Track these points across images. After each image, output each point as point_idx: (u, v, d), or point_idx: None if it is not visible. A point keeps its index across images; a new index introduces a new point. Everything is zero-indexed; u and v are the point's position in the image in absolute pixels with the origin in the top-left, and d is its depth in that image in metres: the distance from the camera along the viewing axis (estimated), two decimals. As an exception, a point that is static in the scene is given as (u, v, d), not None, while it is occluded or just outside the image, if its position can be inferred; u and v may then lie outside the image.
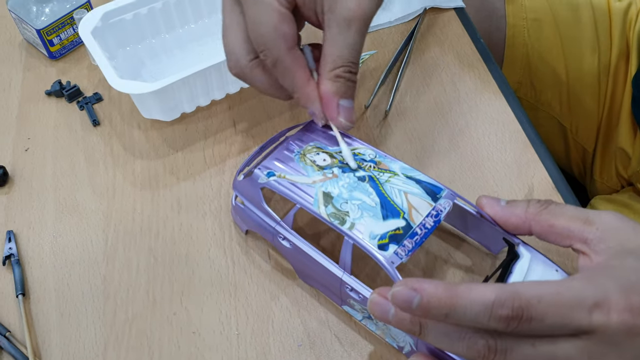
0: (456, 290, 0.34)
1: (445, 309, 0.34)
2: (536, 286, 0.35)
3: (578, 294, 0.34)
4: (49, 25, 0.59)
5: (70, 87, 0.59)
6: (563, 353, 0.34)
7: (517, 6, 0.76)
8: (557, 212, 0.40)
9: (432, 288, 0.34)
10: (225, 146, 0.56)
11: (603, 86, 0.76)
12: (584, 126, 0.79)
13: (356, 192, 0.43)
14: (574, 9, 0.76)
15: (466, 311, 0.34)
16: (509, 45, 0.78)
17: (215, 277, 0.48)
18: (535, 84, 0.79)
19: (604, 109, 0.77)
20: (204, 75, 0.53)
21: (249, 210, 0.46)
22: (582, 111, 0.78)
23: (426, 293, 0.34)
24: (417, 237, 0.41)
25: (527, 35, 0.76)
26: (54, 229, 0.51)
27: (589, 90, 0.77)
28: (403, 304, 0.35)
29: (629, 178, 0.76)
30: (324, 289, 0.46)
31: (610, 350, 0.34)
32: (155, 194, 0.53)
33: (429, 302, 0.34)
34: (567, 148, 0.83)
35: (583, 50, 0.75)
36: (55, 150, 0.56)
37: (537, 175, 0.53)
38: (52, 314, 0.47)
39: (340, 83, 0.44)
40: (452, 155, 0.55)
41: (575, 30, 0.75)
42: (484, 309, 0.34)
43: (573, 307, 0.34)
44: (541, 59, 0.77)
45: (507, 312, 0.33)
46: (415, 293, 0.34)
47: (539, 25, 0.76)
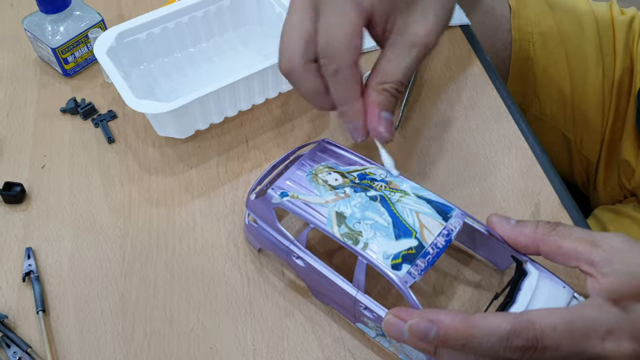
0: (472, 321, 0.36)
1: (462, 340, 0.35)
2: (550, 315, 0.36)
3: (591, 322, 0.36)
4: (63, 44, 0.61)
5: (85, 105, 0.61)
6: None
7: (523, 20, 0.77)
8: (565, 234, 0.41)
9: (449, 320, 0.36)
10: (238, 163, 0.57)
11: (607, 99, 0.77)
12: (588, 138, 0.80)
13: (368, 211, 0.44)
14: (578, 23, 0.77)
15: (482, 342, 0.35)
16: (514, 59, 0.79)
17: (231, 293, 0.49)
18: (540, 96, 0.80)
19: (608, 122, 0.78)
20: (217, 95, 0.55)
21: (262, 229, 0.48)
22: (586, 123, 0.79)
23: (443, 325, 0.36)
24: (430, 256, 0.42)
25: (533, 48, 0.78)
26: (71, 245, 0.52)
27: (593, 103, 0.78)
28: (420, 335, 0.36)
29: (633, 189, 0.77)
30: (337, 307, 0.47)
31: None
32: (170, 210, 0.54)
33: (446, 334, 0.36)
34: (570, 159, 0.84)
35: (587, 64, 0.76)
36: (72, 167, 0.58)
37: (543, 192, 0.54)
38: (72, 330, 0.48)
39: (385, 96, 0.46)
40: (460, 172, 0.56)
41: (579, 43, 0.76)
42: (499, 340, 0.35)
43: (586, 336, 0.35)
44: (546, 72, 0.78)
45: (522, 342, 0.35)
46: (432, 325, 0.36)
47: (544, 39, 0.77)
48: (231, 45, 0.64)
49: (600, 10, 0.78)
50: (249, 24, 0.65)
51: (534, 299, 0.42)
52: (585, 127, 0.80)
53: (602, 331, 0.35)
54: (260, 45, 0.64)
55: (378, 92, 0.45)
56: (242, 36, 0.65)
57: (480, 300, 0.48)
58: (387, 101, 0.46)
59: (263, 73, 0.56)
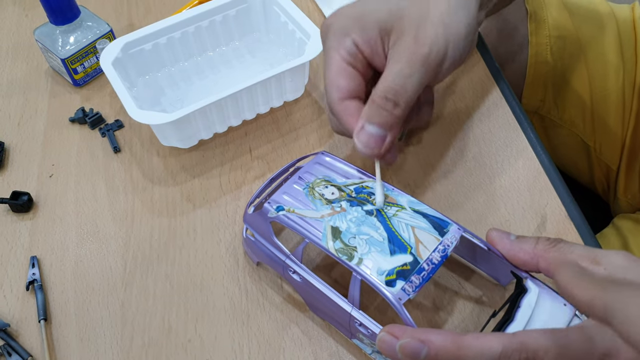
0: (463, 342, 0.35)
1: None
2: (544, 336, 0.35)
3: (587, 345, 0.34)
4: (73, 55, 0.61)
5: (93, 115, 0.61)
6: None
7: (540, 24, 0.76)
8: (565, 251, 0.40)
9: (440, 340, 0.35)
10: (241, 173, 0.57)
11: (628, 104, 0.75)
12: (608, 144, 0.78)
13: (364, 226, 0.43)
14: (598, 26, 0.75)
15: None
16: (531, 64, 0.77)
17: (229, 305, 0.49)
18: (558, 102, 0.79)
19: (628, 128, 0.76)
20: (220, 105, 0.55)
21: (259, 243, 0.48)
22: (606, 129, 0.77)
23: (434, 345, 0.35)
24: (424, 272, 0.41)
25: (550, 53, 0.76)
26: (75, 254, 0.53)
27: (613, 108, 0.76)
28: (411, 356, 0.36)
29: (654, 197, 0.75)
30: (334, 322, 0.47)
31: None
32: (172, 220, 0.55)
33: (437, 354, 0.35)
34: (590, 166, 0.82)
35: (608, 68, 0.75)
36: (78, 176, 0.58)
37: (550, 204, 0.53)
38: (72, 339, 0.48)
39: (371, 108, 0.45)
40: (465, 183, 0.55)
41: (599, 47, 0.75)
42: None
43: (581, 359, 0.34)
44: (564, 77, 0.77)
45: None
46: (423, 345, 0.35)
47: (562, 43, 0.76)
48: (237, 55, 0.64)
49: (621, 13, 0.76)
50: (255, 32, 0.65)
51: (533, 317, 0.41)
52: (605, 133, 0.78)
53: (599, 354, 0.34)
54: (266, 54, 0.64)
55: (367, 104, 0.46)
56: (249, 45, 0.65)
57: (481, 315, 0.47)
58: (373, 112, 0.45)
59: (266, 83, 0.56)
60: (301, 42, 0.59)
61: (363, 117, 0.46)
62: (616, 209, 0.83)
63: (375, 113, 0.45)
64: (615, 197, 0.82)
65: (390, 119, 0.45)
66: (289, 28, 0.61)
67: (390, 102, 0.45)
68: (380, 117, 0.45)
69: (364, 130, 0.46)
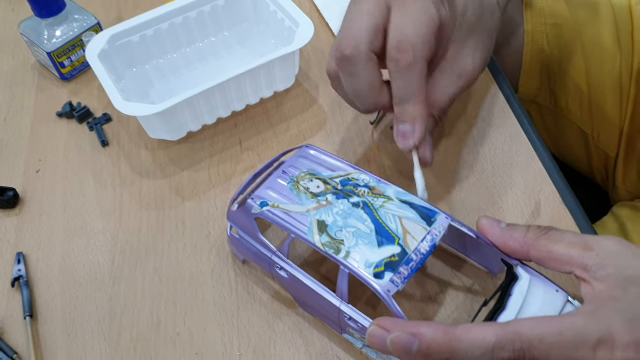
0: (455, 333, 0.34)
1: (446, 354, 0.34)
2: (537, 325, 0.34)
3: (581, 332, 0.34)
4: (59, 48, 0.61)
5: (80, 109, 0.61)
6: None
7: (536, 11, 0.75)
8: (556, 238, 0.39)
9: (431, 333, 0.34)
10: (231, 165, 0.56)
11: (626, 91, 0.74)
12: (606, 132, 0.77)
13: (351, 219, 0.42)
14: (594, 13, 0.74)
15: (467, 355, 0.34)
16: (527, 52, 0.76)
17: (219, 298, 0.48)
18: (555, 90, 0.78)
19: (626, 114, 0.75)
20: (207, 95, 0.54)
21: (245, 240, 0.47)
22: (603, 116, 0.76)
23: (425, 339, 0.34)
24: (413, 263, 0.40)
25: (547, 40, 0.75)
26: (62, 250, 0.52)
27: (610, 95, 0.75)
28: (402, 350, 0.35)
29: (654, 185, 0.74)
30: (323, 318, 0.46)
31: None
32: (160, 214, 0.54)
33: (428, 347, 0.34)
34: (589, 154, 0.81)
35: (605, 55, 0.73)
36: (65, 171, 0.58)
37: (544, 190, 0.52)
38: (59, 335, 0.48)
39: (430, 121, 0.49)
40: (458, 172, 0.54)
41: (596, 34, 0.74)
42: (484, 353, 0.33)
43: (576, 347, 0.33)
44: (560, 65, 0.76)
45: (508, 355, 0.33)
46: (414, 339, 0.34)
47: (558, 31, 0.75)
48: (227, 45, 0.63)
49: None
50: (245, 23, 0.64)
51: (525, 304, 0.40)
52: (603, 120, 0.77)
53: (594, 341, 0.33)
54: (256, 45, 0.63)
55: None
56: (238, 36, 0.64)
57: (474, 305, 0.46)
58: (432, 126, 0.50)
59: (255, 72, 0.55)
60: (291, 32, 0.58)
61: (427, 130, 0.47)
62: (615, 198, 0.82)
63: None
64: (614, 186, 0.81)
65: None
66: (278, 17, 0.60)
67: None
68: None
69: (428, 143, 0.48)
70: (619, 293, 0.36)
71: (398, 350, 0.35)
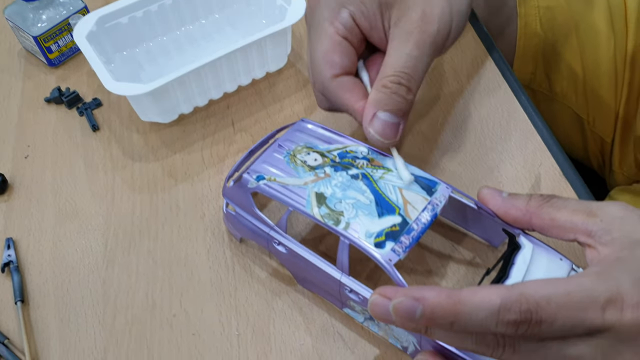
0: (459, 297, 0.33)
1: (450, 317, 0.33)
2: (544, 286, 0.33)
3: (589, 292, 0.33)
4: (45, 32, 0.59)
5: (69, 94, 0.59)
6: (576, 351, 0.33)
7: None
8: (559, 205, 0.39)
9: (435, 297, 0.33)
10: (224, 146, 0.55)
11: (620, 74, 0.74)
12: (602, 116, 0.77)
13: (350, 190, 0.41)
14: None
15: (472, 318, 0.32)
16: (520, 36, 0.76)
17: (215, 278, 0.47)
18: (550, 74, 0.77)
19: (621, 98, 0.75)
20: (198, 74, 0.53)
21: (241, 217, 0.45)
22: (599, 101, 0.76)
23: (429, 303, 0.33)
24: (414, 232, 0.39)
25: (540, 24, 0.74)
26: (53, 234, 0.51)
27: (605, 79, 0.74)
28: (406, 316, 0.34)
29: (650, 168, 0.74)
30: (323, 293, 0.45)
31: (625, 347, 0.32)
32: (153, 196, 0.52)
33: (432, 311, 0.33)
34: (584, 140, 0.81)
35: (598, 38, 0.73)
36: (55, 156, 0.56)
37: (544, 164, 0.51)
38: (52, 319, 0.46)
39: (383, 93, 0.42)
40: (456, 147, 0.53)
41: (589, 17, 0.73)
42: (490, 315, 0.32)
43: (585, 307, 0.32)
44: (554, 49, 0.75)
45: (514, 316, 0.32)
46: (418, 303, 0.33)
47: (551, 14, 0.74)
48: (217, 27, 0.62)
49: None
50: (235, 4, 0.63)
51: (528, 273, 0.39)
52: (598, 104, 0.76)
53: (602, 301, 0.32)
54: (247, 26, 0.62)
55: (377, 89, 0.43)
56: (229, 17, 0.63)
57: (475, 277, 0.46)
58: (385, 99, 0.42)
59: (246, 50, 0.54)
60: (282, 10, 0.57)
61: (373, 105, 0.42)
62: (612, 183, 0.81)
63: (388, 99, 0.42)
64: (611, 171, 0.80)
65: (404, 105, 0.43)
66: (269, -2, 0.59)
67: (404, 88, 0.42)
68: (393, 103, 0.42)
69: (378, 118, 0.42)
70: (626, 254, 0.35)
71: (401, 316, 0.34)
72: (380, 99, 0.42)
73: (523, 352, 0.33)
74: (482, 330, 0.33)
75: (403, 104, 0.43)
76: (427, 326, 0.34)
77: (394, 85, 0.42)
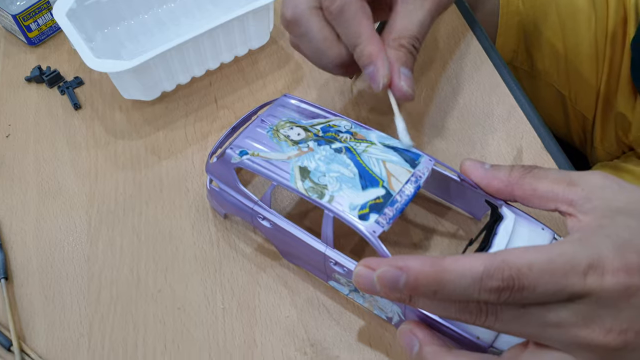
0: (442, 264, 0.33)
1: (434, 285, 0.33)
2: (526, 253, 0.33)
3: (571, 258, 0.33)
4: (24, 11, 0.59)
5: (50, 72, 0.59)
6: (556, 316, 0.33)
7: None
8: (540, 176, 0.39)
9: (418, 265, 0.33)
10: (207, 123, 0.55)
11: (601, 51, 0.75)
12: (583, 93, 0.78)
13: (333, 164, 0.42)
14: None
15: (455, 286, 0.33)
16: (502, 14, 0.76)
17: (200, 254, 0.47)
18: (532, 52, 0.77)
19: (602, 75, 0.76)
20: (181, 51, 0.53)
21: (225, 193, 0.45)
22: (580, 78, 0.77)
23: (412, 271, 0.33)
24: (398, 204, 0.40)
25: (521, 1, 0.75)
26: (37, 212, 0.51)
27: (586, 56, 0.75)
28: (390, 285, 0.34)
29: (630, 143, 0.75)
30: (308, 267, 0.45)
31: (606, 312, 0.33)
32: (137, 174, 0.52)
33: (416, 279, 0.33)
34: (566, 117, 0.81)
35: (579, 16, 0.73)
36: (37, 135, 0.56)
37: (525, 137, 0.52)
38: (36, 296, 0.46)
39: (402, 52, 0.44)
40: (439, 122, 0.53)
41: None
42: (472, 282, 0.32)
43: (566, 273, 0.33)
44: (536, 26, 0.76)
45: (497, 283, 0.32)
46: (401, 272, 0.33)
47: None
48: (198, 5, 0.62)
49: None
50: (217, -19, 0.63)
51: (511, 242, 0.39)
52: (580, 81, 0.77)
53: (584, 266, 0.33)
54: (229, 4, 0.62)
55: (395, 48, 0.44)
56: (210, -6, 0.63)
57: (459, 249, 0.46)
58: (405, 57, 0.44)
59: (228, 27, 0.53)
60: (264, -14, 0.57)
61: (398, 62, 0.44)
62: (593, 159, 0.82)
63: (406, 58, 0.44)
64: (592, 147, 0.81)
65: (413, 61, 0.45)
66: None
67: (416, 50, 0.45)
68: (409, 60, 0.45)
69: (403, 74, 0.44)
70: (606, 222, 0.36)
71: (385, 286, 0.34)
72: (399, 57, 0.44)
73: (506, 318, 0.34)
74: (465, 298, 0.33)
75: (414, 62, 0.45)
76: (411, 295, 0.35)
77: (410, 46, 0.44)
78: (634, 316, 0.32)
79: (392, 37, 0.44)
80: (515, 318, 0.34)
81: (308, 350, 0.42)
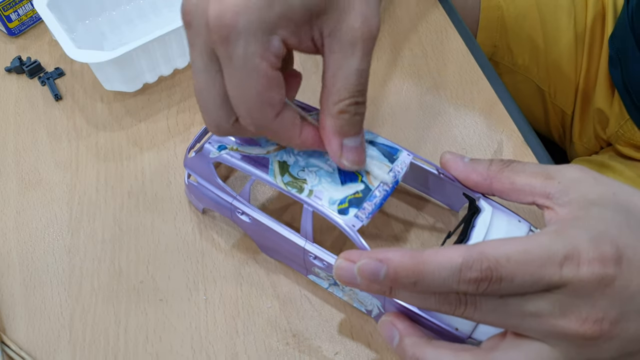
0: (422, 256, 0.34)
1: (413, 277, 0.33)
2: (503, 245, 0.34)
3: (547, 249, 0.34)
4: (5, 0, 0.58)
5: (30, 63, 0.58)
6: (534, 306, 0.34)
7: None
8: (518, 169, 0.39)
9: (398, 257, 0.34)
10: (190, 115, 0.55)
11: (580, 48, 0.76)
12: (562, 88, 0.79)
13: (312, 159, 0.42)
14: None
15: (434, 277, 0.33)
16: (483, 9, 0.77)
17: (182, 245, 0.47)
18: (512, 47, 0.78)
19: (581, 71, 0.77)
20: (163, 42, 0.52)
21: (204, 187, 0.45)
22: (559, 73, 0.78)
23: (392, 263, 0.34)
24: (377, 199, 0.40)
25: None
26: (16, 203, 0.50)
27: (566, 52, 0.76)
28: (370, 277, 0.34)
29: (608, 139, 0.76)
30: (288, 261, 0.45)
31: (582, 301, 0.33)
32: (119, 165, 0.52)
33: (396, 272, 0.34)
34: (546, 112, 0.82)
35: (559, 12, 0.74)
36: (17, 126, 0.55)
37: (506, 131, 0.52)
38: (17, 288, 0.46)
39: (343, 120, 0.38)
40: (420, 116, 0.54)
41: None
42: (451, 274, 0.33)
43: (543, 264, 0.33)
44: (516, 22, 0.76)
45: (475, 274, 0.33)
46: (382, 264, 0.34)
47: None
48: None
49: None
50: (200, -27, 0.62)
51: (489, 235, 0.40)
52: (559, 76, 0.78)
53: (560, 257, 0.34)
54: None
55: (334, 117, 0.38)
56: (193, -13, 0.62)
57: (438, 241, 0.47)
58: (347, 126, 0.38)
59: (211, 20, 0.53)
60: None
61: (337, 135, 0.38)
62: (572, 154, 0.83)
63: (350, 125, 0.38)
64: (571, 142, 0.82)
65: (361, 121, 0.39)
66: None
67: (361, 105, 0.38)
68: (355, 126, 0.39)
69: (347, 147, 0.39)
70: (582, 214, 0.36)
71: (366, 278, 0.35)
72: (341, 127, 0.38)
73: (484, 309, 0.34)
74: (444, 289, 0.34)
75: (360, 123, 0.39)
76: (392, 287, 0.35)
77: (352, 107, 0.38)
78: (609, 306, 0.33)
79: (331, 102, 0.37)
80: (494, 308, 0.34)
81: (290, 340, 0.43)
